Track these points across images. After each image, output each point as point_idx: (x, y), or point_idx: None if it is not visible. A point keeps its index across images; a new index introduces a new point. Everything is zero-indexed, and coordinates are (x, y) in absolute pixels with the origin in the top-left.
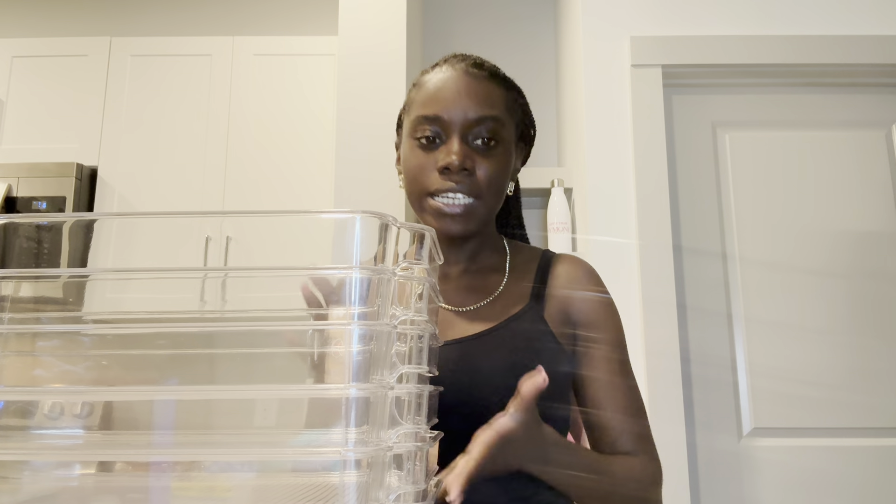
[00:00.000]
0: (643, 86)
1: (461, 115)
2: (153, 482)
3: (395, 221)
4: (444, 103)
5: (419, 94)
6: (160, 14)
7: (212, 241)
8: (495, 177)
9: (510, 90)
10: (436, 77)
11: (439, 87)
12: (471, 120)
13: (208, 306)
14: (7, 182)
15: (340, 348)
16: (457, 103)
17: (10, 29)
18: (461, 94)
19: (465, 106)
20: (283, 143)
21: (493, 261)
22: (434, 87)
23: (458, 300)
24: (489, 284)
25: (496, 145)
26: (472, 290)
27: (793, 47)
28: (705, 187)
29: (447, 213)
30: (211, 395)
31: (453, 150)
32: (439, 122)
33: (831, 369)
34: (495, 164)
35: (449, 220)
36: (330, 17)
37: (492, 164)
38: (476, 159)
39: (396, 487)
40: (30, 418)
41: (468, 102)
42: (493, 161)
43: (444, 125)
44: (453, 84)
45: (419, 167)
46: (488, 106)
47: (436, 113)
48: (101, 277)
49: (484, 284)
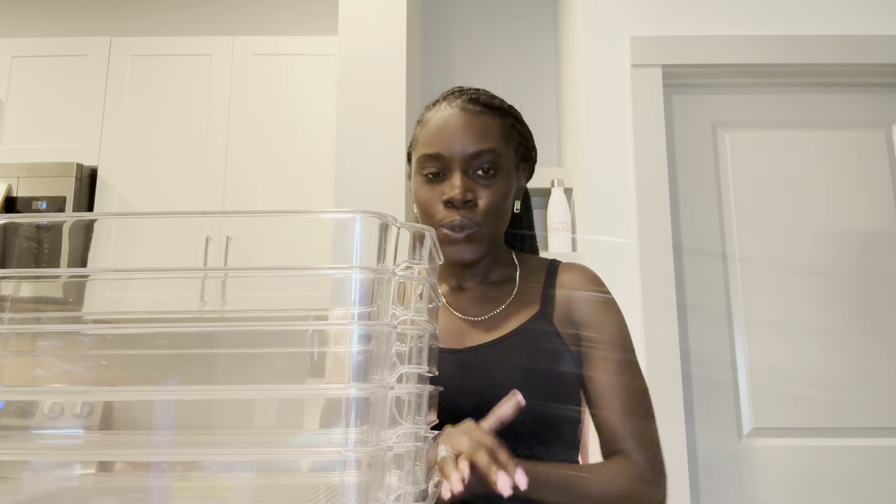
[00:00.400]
0: (643, 86)
1: (460, 150)
2: (153, 482)
3: (395, 221)
4: (444, 142)
5: (422, 133)
6: (160, 14)
7: (212, 241)
8: (496, 203)
9: (506, 118)
10: (436, 116)
11: (439, 127)
12: (469, 154)
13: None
14: (7, 182)
15: (340, 348)
16: (455, 141)
17: (10, 29)
18: (459, 132)
19: (464, 142)
20: (283, 142)
21: (505, 274)
22: (435, 126)
23: (474, 311)
24: (501, 295)
25: (495, 174)
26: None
27: (793, 47)
28: (705, 187)
29: (454, 240)
30: (211, 395)
31: (455, 184)
32: (441, 160)
33: (831, 369)
34: (495, 191)
35: (458, 248)
36: (330, 17)
37: (492, 193)
38: (477, 190)
39: (396, 487)
40: (30, 418)
41: (466, 139)
42: (493, 189)
43: (446, 162)
44: (451, 122)
45: (427, 201)
46: (485, 139)
47: (437, 151)
48: (101, 277)
49: (496, 295)
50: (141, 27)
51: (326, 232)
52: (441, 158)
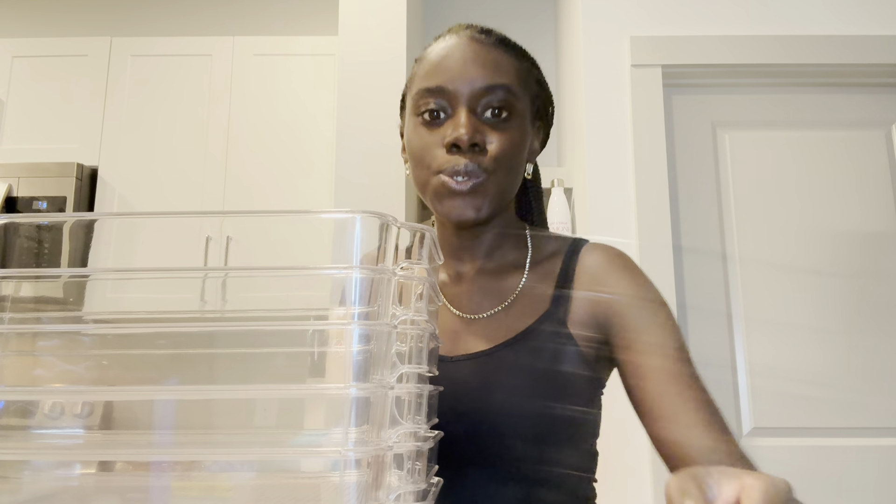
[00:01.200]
0: (643, 86)
1: (468, 84)
2: (153, 482)
3: (395, 221)
4: (448, 73)
5: (421, 68)
6: (160, 14)
7: (212, 241)
8: (509, 151)
9: (522, 60)
10: (439, 47)
11: (443, 57)
12: (479, 90)
13: (208, 306)
14: (7, 182)
15: (340, 348)
16: (462, 72)
17: (10, 29)
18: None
19: (472, 75)
20: (283, 143)
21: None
22: (437, 57)
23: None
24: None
25: (509, 117)
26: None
27: (793, 47)
28: (705, 187)
29: (456, 192)
30: (211, 395)
31: (461, 123)
32: (444, 94)
33: (831, 369)
34: (508, 137)
35: (458, 201)
36: (330, 17)
37: (504, 138)
38: (487, 133)
39: (396, 487)
40: (30, 418)
41: (475, 71)
42: (505, 134)
43: (450, 97)
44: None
45: (424, 146)
46: (498, 74)
47: (439, 84)
48: (101, 277)
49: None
50: (141, 27)
51: (326, 232)
52: (444, 93)
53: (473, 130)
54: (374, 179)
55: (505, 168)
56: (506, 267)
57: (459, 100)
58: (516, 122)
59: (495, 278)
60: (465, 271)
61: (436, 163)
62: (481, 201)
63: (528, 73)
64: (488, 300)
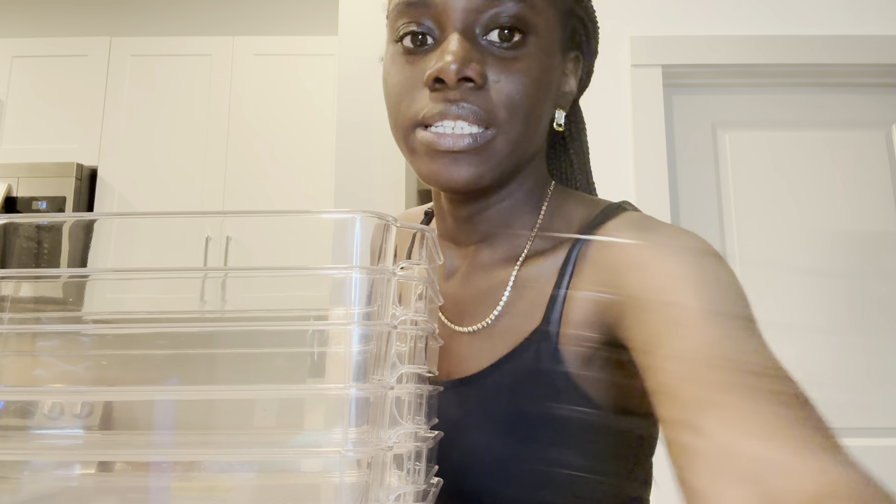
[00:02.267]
0: (643, 86)
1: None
2: (153, 482)
3: (395, 221)
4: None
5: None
6: (160, 14)
7: (212, 241)
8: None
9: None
10: None
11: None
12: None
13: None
14: (7, 182)
15: (340, 348)
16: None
17: (10, 29)
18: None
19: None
20: (283, 142)
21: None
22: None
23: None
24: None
25: (523, 41)
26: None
27: (793, 47)
28: (705, 187)
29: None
30: (211, 395)
31: (448, 48)
32: (428, 8)
33: (831, 369)
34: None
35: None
36: (330, 17)
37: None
38: (488, 64)
39: (396, 487)
40: (30, 418)
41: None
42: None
43: (437, 12)
44: None
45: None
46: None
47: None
48: (101, 277)
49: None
50: (141, 27)
51: (326, 232)
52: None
53: (465, 58)
54: (374, 179)
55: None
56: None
57: (450, 15)
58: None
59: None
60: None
61: (413, 109)
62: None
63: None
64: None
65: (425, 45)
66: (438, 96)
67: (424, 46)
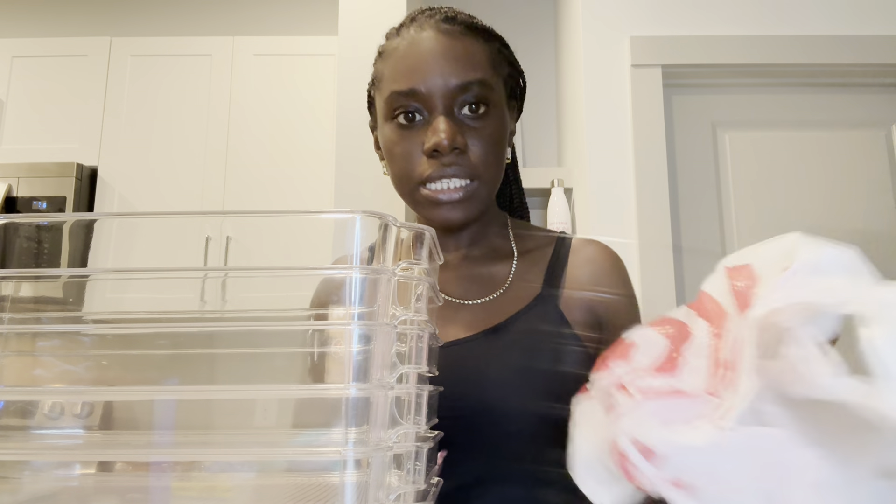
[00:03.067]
0: (643, 86)
1: (441, 84)
2: (153, 482)
3: (395, 221)
4: (419, 74)
5: (388, 66)
6: (160, 14)
7: (212, 241)
8: (491, 150)
9: (491, 41)
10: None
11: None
12: (453, 88)
13: (208, 306)
14: (7, 182)
15: (340, 348)
16: (434, 71)
17: (10, 29)
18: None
19: (445, 72)
20: (284, 142)
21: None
22: (404, 55)
23: (459, 292)
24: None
25: (486, 112)
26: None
27: (793, 47)
28: (705, 187)
29: (444, 202)
30: (211, 395)
31: (439, 128)
32: (417, 97)
33: None
34: (489, 135)
35: (447, 209)
36: (330, 17)
37: (485, 137)
38: (466, 133)
39: (396, 487)
40: (30, 418)
41: (447, 68)
42: (485, 132)
43: (424, 99)
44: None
45: (404, 154)
46: (472, 68)
47: (411, 86)
48: (101, 277)
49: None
50: (141, 27)
51: (326, 232)
52: (417, 95)
53: (453, 134)
54: (374, 179)
55: (490, 167)
56: (492, 255)
57: (434, 101)
58: (494, 114)
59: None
60: (450, 259)
61: (417, 171)
62: (470, 206)
63: (499, 56)
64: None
65: (415, 122)
66: (435, 162)
67: (415, 123)
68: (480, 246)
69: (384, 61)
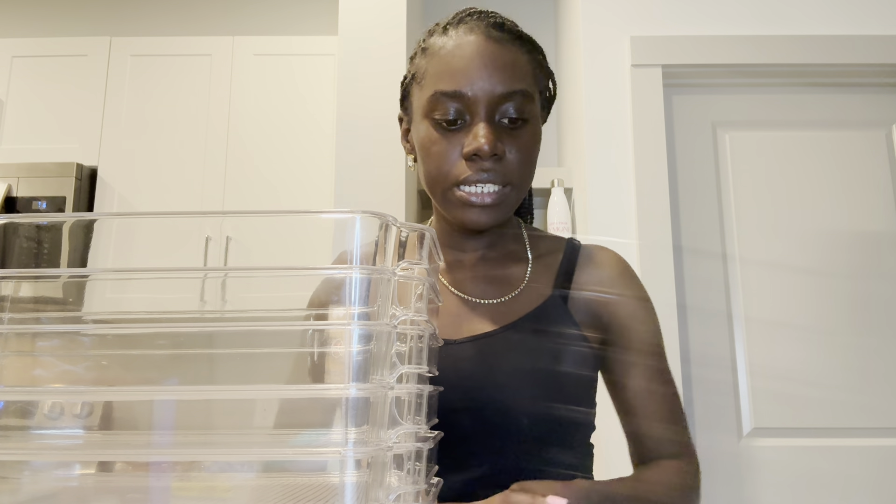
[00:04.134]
0: (643, 86)
1: (487, 90)
2: (153, 482)
3: (395, 221)
4: (467, 77)
5: (433, 64)
6: (160, 14)
7: (212, 241)
8: (527, 160)
9: (534, 53)
10: (452, 44)
11: (458, 56)
12: (498, 96)
13: (208, 306)
14: (7, 182)
15: (340, 348)
16: (482, 77)
17: (10, 29)
18: (486, 66)
19: (493, 80)
20: (283, 142)
21: (513, 248)
22: (452, 56)
23: (476, 291)
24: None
25: (524, 124)
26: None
27: (793, 47)
28: (705, 187)
29: (476, 205)
30: (211, 395)
31: (481, 133)
32: (462, 100)
33: (831, 369)
34: (526, 145)
35: (478, 212)
36: (330, 17)
37: (522, 147)
38: (505, 141)
39: (396, 487)
40: (30, 418)
41: (495, 75)
42: (523, 142)
43: (468, 103)
44: (476, 52)
45: (441, 154)
46: (517, 79)
47: (458, 89)
48: (101, 277)
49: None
50: (141, 27)
51: (326, 232)
52: (462, 98)
53: (494, 140)
54: (374, 179)
55: (524, 176)
56: (507, 257)
57: (478, 106)
58: (531, 127)
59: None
60: (466, 259)
61: (454, 173)
62: (499, 211)
63: (539, 68)
64: (494, 287)
65: (456, 124)
66: (474, 166)
67: (456, 125)
68: (497, 248)
69: (428, 58)
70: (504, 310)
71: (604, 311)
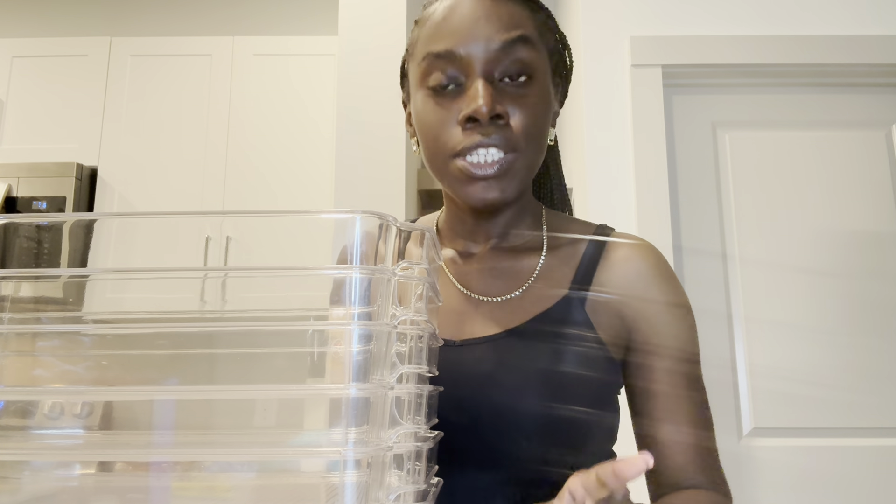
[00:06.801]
0: (643, 86)
1: (482, 45)
2: (153, 482)
3: (395, 221)
4: (457, 34)
5: (424, 30)
6: (160, 14)
7: (212, 241)
8: (534, 121)
9: (538, 11)
10: (443, 6)
11: (449, 15)
12: (494, 50)
13: (208, 306)
14: (7, 182)
15: (340, 348)
16: (474, 31)
17: (10, 29)
18: (478, 19)
19: (486, 32)
20: (283, 142)
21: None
22: (442, 15)
23: (482, 287)
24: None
25: (529, 80)
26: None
27: (793, 47)
28: (705, 187)
29: (479, 176)
30: (211, 395)
31: (478, 93)
32: (454, 60)
33: (831, 369)
34: (532, 105)
35: (482, 185)
36: (330, 17)
37: (527, 107)
38: (507, 102)
39: (396, 487)
40: (30, 418)
41: (488, 28)
42: (528, 102)
43: (462, 63)
44: (466, 7)
45: (437, 123)
46: (514, 29)
47: (448, 48)
48: (101, 277)
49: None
50: (141, 27)
51: (326, 232)
52: (454, 58)
53: (493, 100)
54: (374, 179)
55: (532, 140)
56: (521, 248)
57: (473, 65)
58: (538, 86)
59: (510, 259)
60: (478, 250)
61: (451, 143)
62: (507, 183)
63: (545, 25)
64: (501, 282)
65: (451, 88)
66: (472, 132)
67: (450, 89)
68: (511, 237)
69: (420, 26)
70: (510, 309)
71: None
